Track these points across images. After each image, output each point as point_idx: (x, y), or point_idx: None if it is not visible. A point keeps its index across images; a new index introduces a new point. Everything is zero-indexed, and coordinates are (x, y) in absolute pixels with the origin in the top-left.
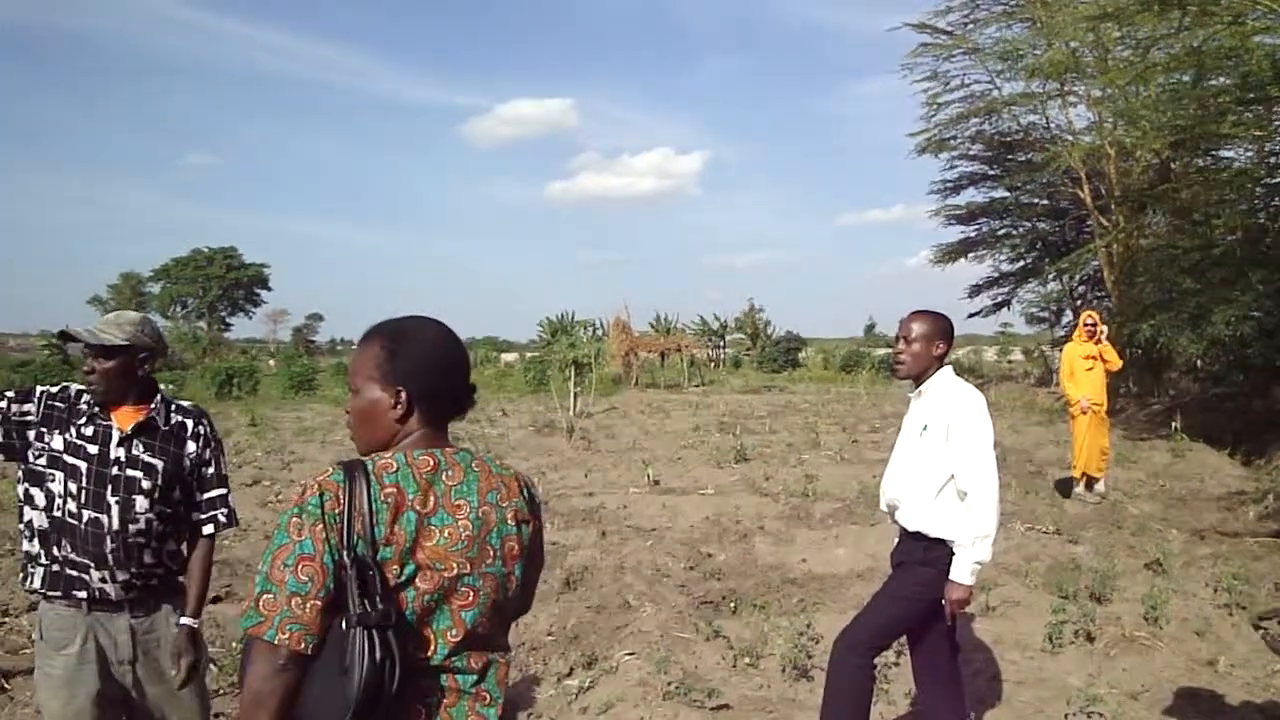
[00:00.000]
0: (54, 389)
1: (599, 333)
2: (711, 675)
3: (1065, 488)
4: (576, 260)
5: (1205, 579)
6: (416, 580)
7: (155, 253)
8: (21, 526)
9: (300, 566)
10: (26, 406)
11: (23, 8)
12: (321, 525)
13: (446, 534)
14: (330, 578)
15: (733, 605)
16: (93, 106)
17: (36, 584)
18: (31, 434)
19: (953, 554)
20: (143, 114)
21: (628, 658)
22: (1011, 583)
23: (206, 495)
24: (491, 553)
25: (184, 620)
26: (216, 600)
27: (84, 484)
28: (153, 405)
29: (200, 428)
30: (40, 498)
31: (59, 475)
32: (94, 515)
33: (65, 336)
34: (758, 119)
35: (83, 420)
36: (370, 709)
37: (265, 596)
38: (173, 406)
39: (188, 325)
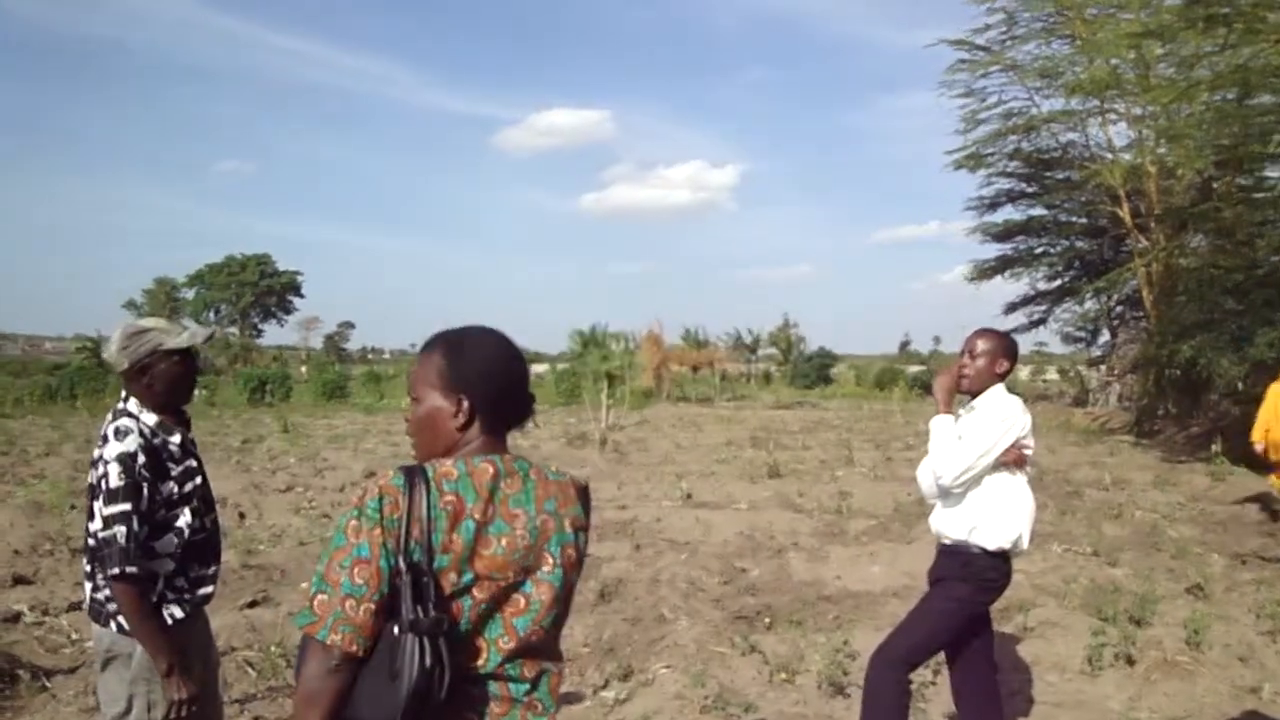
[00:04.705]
0: (141, 451)
1: (631, 345)
2: (748, 690)
3: None
4: (608, 272)
5: (1248, 604)
6: (474, 590)
7: (189, 259)
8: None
9: (356, 569)
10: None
11: (56, 15)
12: (379, 529)
13: (504, 543)
14: (385, 582)
15: (768, 621)
16: (127, 113)
17: (179, 614)
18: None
19: (985, 566)
20: (176, 121)
21: (664, 670)
22: (1049, 604)
23: None
24: (550, 561)
25: None
26: (253, 605)
27: (200, 499)
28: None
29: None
30: (181, 526)
31: (188, 504)
32: (215, 519)
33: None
34: (793, 133)
35: (168, 438)
36: (417, 714)
37: (320, 597)
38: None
39: (220, 331)
